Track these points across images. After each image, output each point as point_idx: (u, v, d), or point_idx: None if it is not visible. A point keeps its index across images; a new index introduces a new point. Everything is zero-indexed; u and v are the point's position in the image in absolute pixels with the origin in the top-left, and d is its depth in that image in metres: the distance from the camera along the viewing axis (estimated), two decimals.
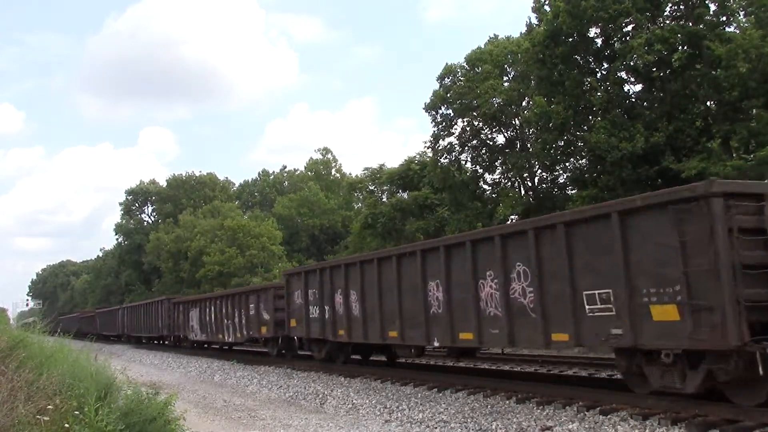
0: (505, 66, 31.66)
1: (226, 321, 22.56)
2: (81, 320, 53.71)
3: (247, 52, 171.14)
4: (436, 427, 9.49)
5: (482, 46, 32.36)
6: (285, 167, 79.35)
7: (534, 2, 26.09)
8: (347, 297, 14.51)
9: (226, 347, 25.91)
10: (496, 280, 10.21)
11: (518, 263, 9.80)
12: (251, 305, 20.40)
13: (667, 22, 22.23)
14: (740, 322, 7.08)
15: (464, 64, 32.27)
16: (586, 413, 8.86)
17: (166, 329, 30.05)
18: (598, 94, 23.30)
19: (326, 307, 15.52)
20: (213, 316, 23.84)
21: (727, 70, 19.19)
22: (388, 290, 12.96)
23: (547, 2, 25.11)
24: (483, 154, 32.67)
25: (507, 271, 9.97)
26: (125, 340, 40.31)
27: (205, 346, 27.26)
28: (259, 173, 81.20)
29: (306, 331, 16.67)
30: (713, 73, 20.18)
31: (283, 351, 19.45)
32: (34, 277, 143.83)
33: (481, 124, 31.75)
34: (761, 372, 7.13)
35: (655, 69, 21.47)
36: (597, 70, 24.24)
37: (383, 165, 45.88)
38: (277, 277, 47.22)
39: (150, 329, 32.97)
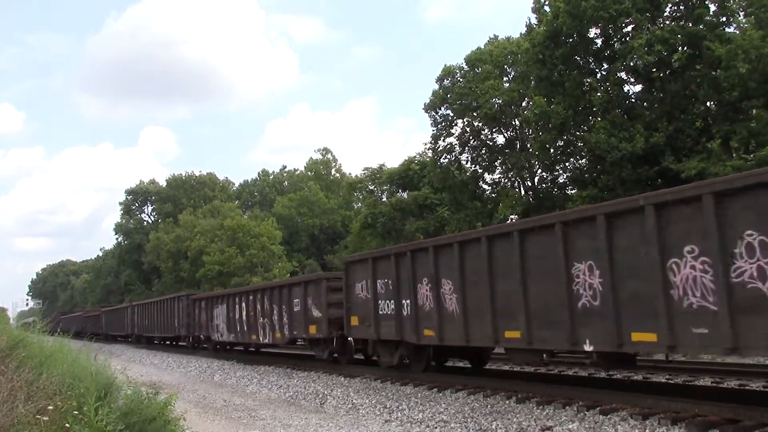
0: (505, 66, 31.70)
1: (261, 319, 19.48)
2: (85, 319, 51.63)
3: (247, 53, 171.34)
4: (436, 427, 9.49)
5: (482, 47, 32.41)
6: (285, 167, 79.67)
7: (534, 2, 26.13)
8: (437, 288, 11.63)
9: (254, 349, 23.44)
10: (703, 259, 7.40)
11: (748, 232, 6.96)
12: (296, 300, 17.24)
13: (667, 22, 22.27)
14: None
15: (464, 65, 32.32)
16: (586, 413, 8.85)
17: (184, 329, 27.05)
18: (598, 94, 23.34)
19: (405, 302, 12.60)
20: (244, 313, 20.79)
21: (727, 71, 19.22)
22: (505, 277, 10.11)
23: (546, 2, 25.15)
24: (483, 154, 32.72)
25: (725, 244, 7.14)
26: (134, 341, 37.72)
27: (228, 347, 24.60)
28: (259, 173, 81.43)
29: (374, 330, 13.59)
30: (713, 73, 20.21)
31: (335, 354, 16.39)
32: (34, 277, 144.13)
33: (480, 124, 31.80)
34: None
35: (655, 69, 21.51)
36: (597, 70, 24.29)
37: (383, 165, 46.04)
38: (278, 276, 47.21)
39: (164, 329, 30.03)
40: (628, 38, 22.32)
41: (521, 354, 10.79)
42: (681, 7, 22.24)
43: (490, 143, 32.64)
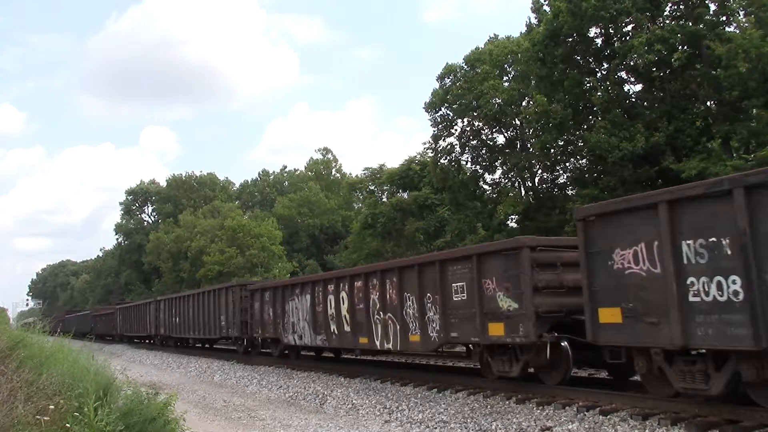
0: (505, 66, 31.67)
1: (379, 314, 13.56)
2: (95, 318, 47.61)
3: (247, 53, 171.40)
4: (436, 428, 9.49)
5: (481, 47, 32.38)
6: (285, 167, 79.72)
7: (533, 2, 26.13)
8: None
9: (332, 355, 18.79)
10: None
11: None
12: (457, 284, 11.34)
13: (667, 21, 22.26)
14: None
15: (464, 65, 32.29)
16: (586, 413, 8.85)
17: (236, 329, 21.24)
18: (598, 93, 23.32)
19: None
20: (345, 306, 14.89)
21: (727, 70, 19.20)
22: None
23: (546, 2, 25.16)
24: (483, 154, 32.68)
25: None
26: (161, 343, 31.82)
27: (303, 352, 18.96)
28: (259, 173, 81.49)
29: (677, 332, 7.61)
30: (713, 72, 20.20)
31: (530, 370, 10.85)
32: (34, 277, 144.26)
33: (481, 124, 31.77)
34: None
35: (655, 69, 21.49)
36: (597, 69, 24.28)
37: (383, 165, 46.06)
38: (278, 276, 46.85)
39: (205, 329, 24.27)
40: (628, 37, 22.32)
41: None
42: (681, 6, 22.23)
43: (491, 143, 32.61)
